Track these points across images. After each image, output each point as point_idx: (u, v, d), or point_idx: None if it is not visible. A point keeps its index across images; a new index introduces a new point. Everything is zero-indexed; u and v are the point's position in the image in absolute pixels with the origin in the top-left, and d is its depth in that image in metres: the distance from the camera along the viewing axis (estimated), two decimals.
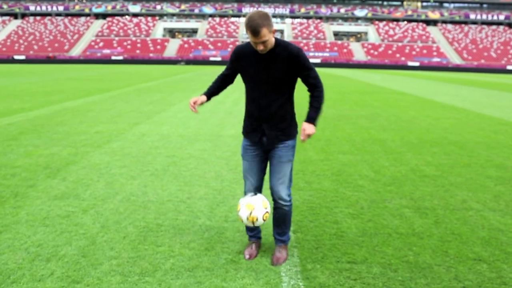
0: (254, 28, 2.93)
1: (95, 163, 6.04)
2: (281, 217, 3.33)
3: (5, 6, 76.45)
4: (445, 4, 78.34)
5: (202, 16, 79.23)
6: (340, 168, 5.96)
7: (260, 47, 3.04)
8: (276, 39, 3.14)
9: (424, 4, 78.60)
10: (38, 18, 76.39)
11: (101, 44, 68.85)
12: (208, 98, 3.47)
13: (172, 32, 77.74)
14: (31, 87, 18.72)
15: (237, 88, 22.35)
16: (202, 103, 3.42)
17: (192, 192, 4.88)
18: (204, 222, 4.02)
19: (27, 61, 60.82)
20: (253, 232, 3.48)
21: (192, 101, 3.41)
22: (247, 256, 3.35)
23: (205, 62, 63.61)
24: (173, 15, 79.41)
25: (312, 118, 3.17)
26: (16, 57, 62.30)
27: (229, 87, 3.71)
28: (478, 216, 4.25)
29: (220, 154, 6.68)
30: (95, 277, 3.02)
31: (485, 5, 77.81)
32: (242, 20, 78.25)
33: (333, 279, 3.02)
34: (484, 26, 74.87)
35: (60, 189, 4.89)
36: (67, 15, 77.97)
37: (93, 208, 4.33)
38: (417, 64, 61.87)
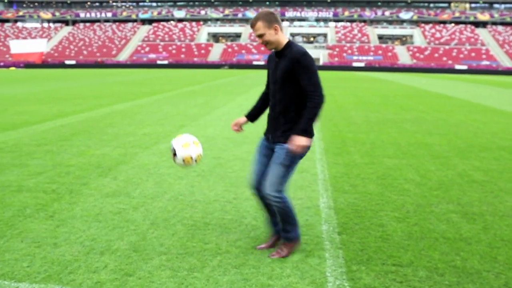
0: (251, 21, 3.21)
1: (144, 163, 6.25)
2: (278, 213, 3.33)
3: (57, 14, 79.69)
4: (495, 5, 75.74)
5: (246, 20, 79.90)
6: (385, 172, 5.92)
7: (259, 41, 3.22)
8: (289, 42, 3.23)
9: (473, 5, 76.30)
10: (87, 24, 79.20)
11: (147, 49, 70.60)
12: (250, 119, 3.59)
13: (216, 37, 78.80)
14: (82, 91, 19.47)
15: None
16: (243, 124, 3.57)
17: (238, 193, 4.98)
18: (250, 222, 4.10)
19: (77, 65, 63.14)
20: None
21: (233, 124, 3.59)
22: (262, 245, 3.51)
23: (249, 66, 64.07)
24: (217, 20, 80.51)
25: (301, 129, 3.11)
26: (67, 62, 64.78)
27: None
28: None
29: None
30: (146, 271, 3.15)
31: None
32: (286, 24, 78.39)
33: (379, 281, 3.03)
34: None
35: (112, 187, 5.11)
36: (115, 21, 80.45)
37: (143, 206, 4.50)
38: (465, 67, 60.07)
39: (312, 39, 76.99)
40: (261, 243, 3.65)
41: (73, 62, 64.83)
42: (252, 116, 3.59)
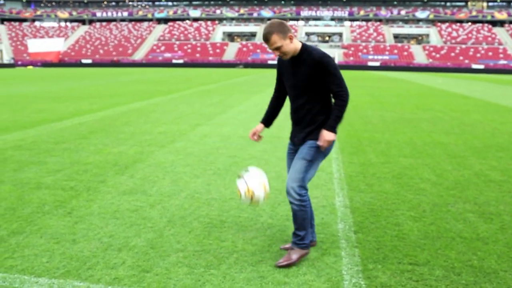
0: (264, 35, 3.16)
1: (160, 162, 6.31)
2: (293, 213, 3.30)
3: (74, 13, 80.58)
4: None
5: (261, 19, 79.90)
6: (401, 171, 5.90)
7: (276, 54, 3.22)
8: (303, 45, 3.23)
9: (490, 4, 75.28)
10: (104, 23, 79.94)
11: (162, 48, 71.01)
12: (266, 125, 3.62)
13: (231, 36, 78.94)
14: (98, 90, 19.68)
15: None
16: (260, 131, 3.59)
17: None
18: (266, 220, 4.12)
19: (93, 64, 63.78)
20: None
21: (251, 133, 3.60)
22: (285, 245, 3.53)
23: (263, 65, 64.08)
24: (232, 19, 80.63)
25: (330, 126, 3.17)
26: (83, 61, 65.47)
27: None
28: None
29: (280, 155, 6.78)
30: (163, 267, 3.19)
31: None
32: (301, 23, 78.23)
33: (395, 280, 3.03)
34: None
35: (129, 185, 5.17)
36: (130, 20, 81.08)
37: (160, 204, 4.55)
38: (481, 67, 59.30)
39: (327, 38, 76.71)
40: (277, 241, 3.67)
41: (89, 61, 65.48)
42: (267, 121, 3.63)
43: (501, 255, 3.41)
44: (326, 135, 3.18)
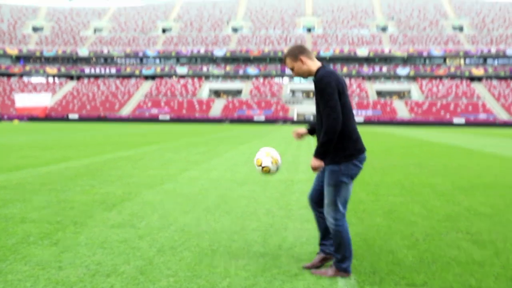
0: (283, 58, 3.51)
1: (149, 200, 6.22)
2: (333, 237, 3.40)
3: (63, 69, 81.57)
4: (489, 60, 77.66)
5: (247, 77, 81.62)
6: (391, 208, 5.89)
7: (293, 74, 3.47)
8: (319, 69, 3.34)
9: (467, 61, 78.23)
10: (91, 79, 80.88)
11: (149, 104, 71.69)
12: (309, 132, 3.70)
13: (217, 93, 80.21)
14: (85, 140, 19.61)
15: (284, 140, 22.57)
16: (302, 134, 3.72)
17: (244, 225, 4.93)
18: (258, 249, 4.04)
19: (80, 119, 63.91)
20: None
21: (294, 132, 3.76)
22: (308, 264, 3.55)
23: (249, 121, 64.83)
24: (218, 76, 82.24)
25: (316, 151, 3.25)
26: (70, 116, 65.62)
27: (279, 140, 3.91)
28: None
29: (269, 195, 6.74)
30: None
31: None
32: (285, 80, 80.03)
33: None
34: None
35: (117, 220, 5.06)
36: (118, 76, 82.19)
37: (149, 236, 4.44)
38: (462, 120, 60.78)
39: (311, 95, 78.34)
40: (271, 267, 3.59)
41: (76, 116, 65.65)
42: (311, 130, 3.71)
43: (499, 276, 3.37)
44: (312, 161, 3.28)
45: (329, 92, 3.17)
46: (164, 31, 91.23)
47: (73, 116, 65.79)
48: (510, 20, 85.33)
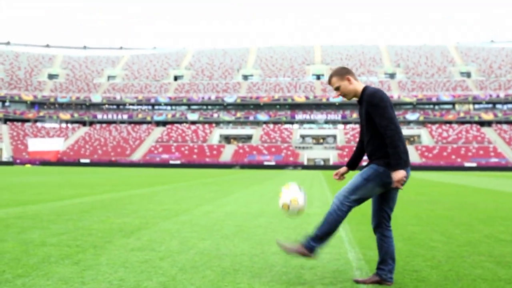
0: (328, 78, 3.59)
1: (166, 229, 6.23)
2: (325, 215, 3.51)
3: (76, 115, 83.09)
4: (498, 106, 77.93)
5: (257, 123, 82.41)
6: (410, 235, 5.84)
7: (337, 94, 3.57)
8: (366, 88, 3.48)
9: (476, 106, 78.58)
10: (104, 125, 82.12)
11: (160, 149, 72.30)
12: (350, 167, 3.78)
13: (227, 139, 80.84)
14: (98, 180, 19.74)
15: (296, 180, 22.42)
16: (344, 173, 3.76)
17: (264, 249, 4.91)
18: (280, 269, 4.02)
19: (92, 164, 64.45)
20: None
21: (334, 174, 3.79)
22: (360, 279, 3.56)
23: (260, 166, 64.92)
24: (229, 122, 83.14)
25: (392, 165, 3.27)
26: (82, 160, 66.24)
27: (291, 181, 4.03)
28: None
29: (287, 225, 6.72)
30: None
31: None
32: (296, 126, 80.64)
33: None
34: None
35: (136, 245, 5.07)
36: (130, 122, 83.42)
37: (170, 257, 4.44)
38: (474, 164, 60.36)
39: (321, 140, 78.65)
40: (295, 283, 3.56)
41: (87, 160, 66.26)
42: (351, 164, 3.78)
43: None
44: (393, 175, 3.27)
45: (383, 105, 3.29)
46: (176, 78, 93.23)
47: (85, 160, 66.39)
48: None
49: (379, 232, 3.59)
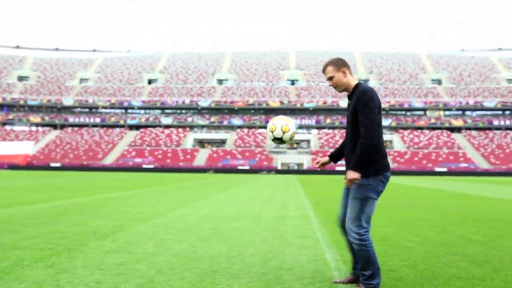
0: (323, 67, 3.51)
1: (142, 231, 6.15)
2: (357, 253, 3.37)
3: (46, 118, 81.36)
4: (467, 112, 79.85)
5: (231, 127, 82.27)
6: (384, 236, 5.91)
7: (329, 83, 3.49)
8: (359, 84, 3.44)
9: (447, 113, 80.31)
10: (75, 128, 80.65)
11: (133, 153, 71.40)
12: (332, 159, 3.74)
13: (201, 143, 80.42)
14: (71, 184, 19.35)
15: (270, 185, 22.45)
16: (324, 162, 3.72)
17: (241, 251, 4.89)
18: (259, 270, 4.01)
19: (62, 168, 63.15)
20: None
21: (315, 161, 3.76)
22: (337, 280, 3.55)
23: (234, 170, 64.77)
24: (203, 126, 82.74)
25: (352, 163, 3.30)
26: (52, 164, 64.85)
27: (266, 186, 4.00)
28: None
29: (263, 227, 6.72)
30: None
31: (507, 112, 79.05)
32: None
33: None
34: (509, 131, 75.26)
35: (112, 247, 4.98)
36: (102, 126, 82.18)
37: (146, 259, 4.38)
38: (444, 169, 61.61)
39: (295, 145, 79.07)
40: (274, 283, 3.55)
41: (58, 164, 64.90)
42: (334, 156, 3.75)
43: None
44: (348, 174, 3.30)
45: (371, 106, 3.27)
46: (150, 82, 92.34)
47: (55, 164, 65.02)
48: (485, 74, 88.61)
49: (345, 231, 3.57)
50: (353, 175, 3.28)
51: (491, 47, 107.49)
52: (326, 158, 3.75)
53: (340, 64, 3.47)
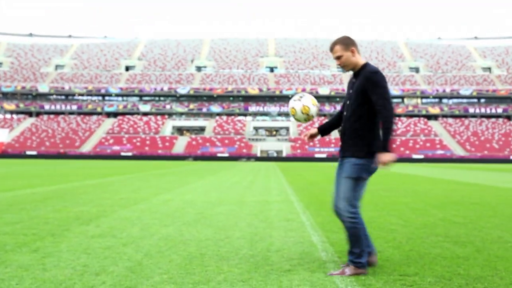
0: (330, 46, 3.45)
1: (126, 217, 6.10)
2: (347, 231, 3.38)
3: (21, 105, 79.68)
4: (444, 100, 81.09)
5: (210, 115, 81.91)
6: (368, 220, 5.95)
7: (337, 62, 3.43)
8: (366, 63, 3.41)
9: (424, 100, 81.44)
10: (51, 116, 79.21)
11: (111, 141, 70.58)
12: (321, 132, 3.69)
13: (180, 130, 79.92)
14: (48, 172, 19.04)
15: (251, 172, 22.46)
16: (313, 134, 3.67)
17: (228, 234, 4.89)
18: (247, 252, 4.02)
19: (39, 156, 62.10)
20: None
21: (304, 134, 3.71)
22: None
23: (213, 158, 64.65)
24: (182, 114, 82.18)
25: (381, 147, 3.25)
26: (28, 152, 63.70)
27: (246, 172, 3.96)
28: None
29: (248, 212, 6.73)
30: (148, 285, 3.02)
31: (482, 100, 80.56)
32: (249, 118, 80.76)
33: (389, 286, 3.00)
34: (484, 119, 76.86)
35: (96, 232, 4.93)
36: (79, 113, 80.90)
37: (133, 243, 4.35)
38: (421, 156, 62.63)
39: (274, 132, 79.21)
40: (263, 265, 3.56)
41: (34, 152, 63.77)
42: (324, 129, 3.70)
43: (484, 266, 3.48)
44: (380, 157, 3.24)
45: (384, 85, 3.27)
46: (127, 69, 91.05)
47: (31, 152, 63.89)
48: (462, 63, 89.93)
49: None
50: (387, 156, 3.22)
51: (467, 36, 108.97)
52: (315, 130, 3.70)
53: (349, 43, 3.39)
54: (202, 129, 78.85)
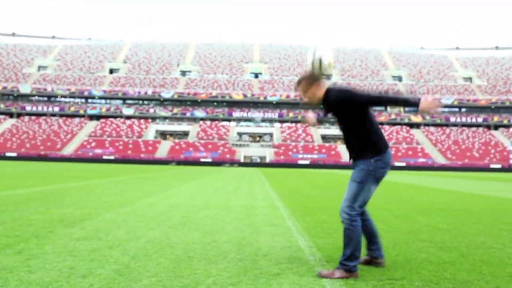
0: (296, 84, 3.66)
1: (111, 219, 6.03)
2: (343, 233, 3.46)
3: (2, 106, 78.44)
4: None
5: (194, 119, 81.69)
6: None
7: (304, 99, 3.63)
8: (327, 89, 3.54)
9: (407, 109, 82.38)
10: (33, 117, 78.13)
11: (93, 144, 69.88)
12: (319, 122, 4.04)
13: (163, 134, 79.51)
14: (29, 174, 18.75)
15: (235, 177, 22.42)
16: (312, 121, 4.03)
17: (215, 238, 4.88)
18: (235, 256, 4.01)
19: (18, 158, 61.14)
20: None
21: (303, 116, 3.92)
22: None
23: (196, 163, 64.42)
24: (165, 118, 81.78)
25: (412, 103, 3.28)
26: (7, 154, 62.66)
27: (230, 177, 4.09)
28: (501, 252, 4.32)
29: (234, 216, 6.72)
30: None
31: (463, 109, 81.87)
32: (233, 123, 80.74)
33: None
34: (465, 128, 78.11)
35: (81, 234, 4.87)
36: (61, 115, 79.95)
37: (119, 246, 4.31)
38: (403, 164, 63.29)
39: (258, 138, 79.30)
40: (252, 268, 3.56)
41: (14, 154, 62.78)
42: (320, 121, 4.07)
43: (470, 270, 3.53)
44: (422, 106, 3.22)
45: (354, 93, 3.37)
46: (111, 71, 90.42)
47: (11, 154, 62.88)
48: (444, 72, 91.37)
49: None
50: (426, 103, 3.20)
51: (449, 46, 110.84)
52: (314, 119, 4.02)
53: (306, 83, 3.56)
54: (185, 134, 78.56)
